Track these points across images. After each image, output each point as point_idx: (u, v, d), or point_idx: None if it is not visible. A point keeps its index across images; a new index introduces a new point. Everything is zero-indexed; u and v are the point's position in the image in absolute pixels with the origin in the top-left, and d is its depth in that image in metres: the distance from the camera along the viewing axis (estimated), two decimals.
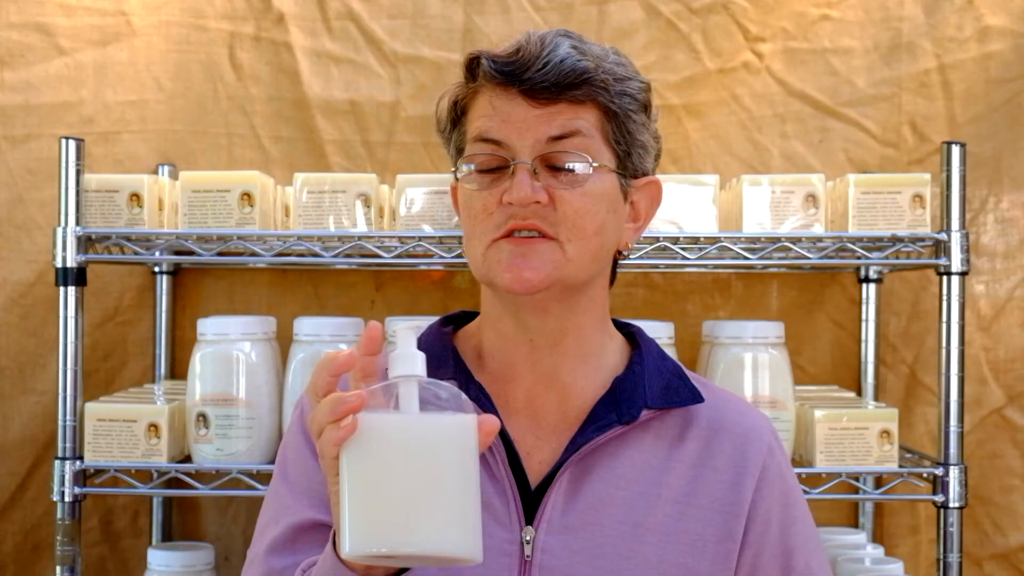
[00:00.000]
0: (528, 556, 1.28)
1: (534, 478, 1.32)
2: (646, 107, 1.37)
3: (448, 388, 1.07)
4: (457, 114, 1.36)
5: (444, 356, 1.36)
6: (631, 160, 1.34)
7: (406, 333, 1.09)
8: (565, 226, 1.28)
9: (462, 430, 1.06)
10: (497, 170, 1.30)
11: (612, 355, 1.39)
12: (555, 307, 1.32)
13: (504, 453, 1.31)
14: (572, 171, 1.29)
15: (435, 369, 1.20)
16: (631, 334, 1.43)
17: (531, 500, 1.31)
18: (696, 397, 1.36)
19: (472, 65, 1.33)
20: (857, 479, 2.05)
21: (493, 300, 1.36)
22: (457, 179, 1.36)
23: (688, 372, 1.41)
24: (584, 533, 1.29)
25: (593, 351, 1.37)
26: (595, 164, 1.30)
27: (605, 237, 1.32)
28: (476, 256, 1.31)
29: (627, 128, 1.33)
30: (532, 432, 1.34)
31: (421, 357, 1.08)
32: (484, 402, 1.32)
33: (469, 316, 1.44)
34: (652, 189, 1.39)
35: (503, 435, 1.31)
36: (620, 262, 1.42)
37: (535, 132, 1.29)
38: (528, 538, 1.29)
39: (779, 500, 1.35)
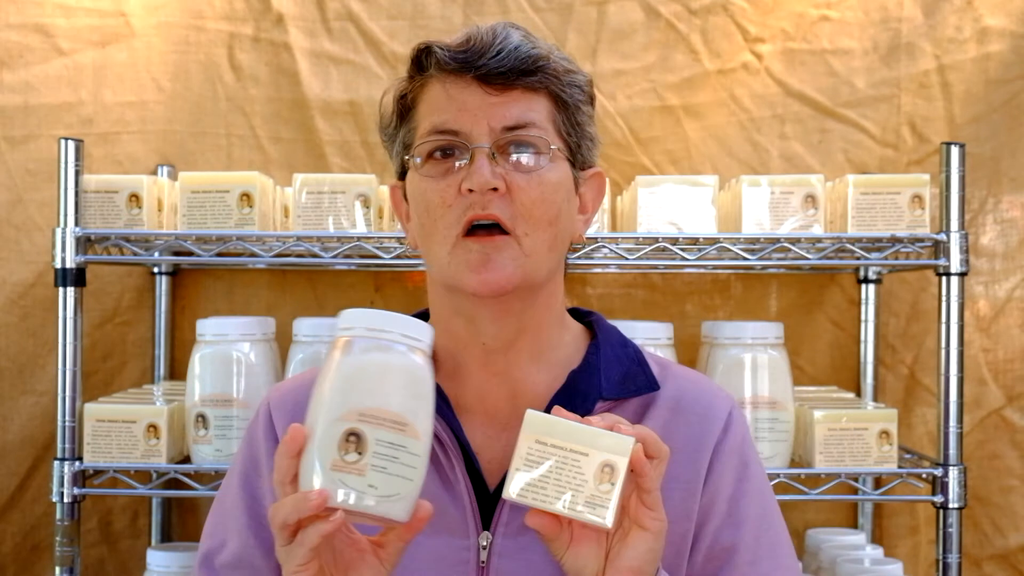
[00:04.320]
0: (483, 562, 1.27)
1: (491, 480, 1.30)
2: (592, 100, 1.37)
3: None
4: (405, 108, 1.34)
5: None
6: (581, 152, 1.35)
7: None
8: (522, 217, 1.27)
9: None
10: (452, 159, 1.29)
11: (567, 347, 1.38)
12: (516, 306, 1.31)
13: (461, 456, 1.29)
14: (529, 159, 1.29)
15: None
16: (591, 323, 1.42)
17: (489, 504, 1.29)
18: (652, 385, 1.35)
19: (421, 56, 1.32)
20: (856, 480, 2.05)
21: (444, 301, 1.34)
22: (403, 176, 1.35)
23: (649, 356, 1.40)
24: None
25: (548, 346, 1.36)
26: (553, 146, 1.30)
27: (561, 227, 1.31)
28: (440, 257, 1.29)
29: (577, 119, 1.34)
30: (482, 430, 1.33)
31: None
32: (441, 404, 1.29)
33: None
34: (598, 181, 1.40)
35: (458, 438, 1.30)
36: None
37: (491, 120, 1.28)
38: (484, 543, 1.27)
39: (732, 474, 1.33)
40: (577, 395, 1.32)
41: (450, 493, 1.28)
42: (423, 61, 1.32)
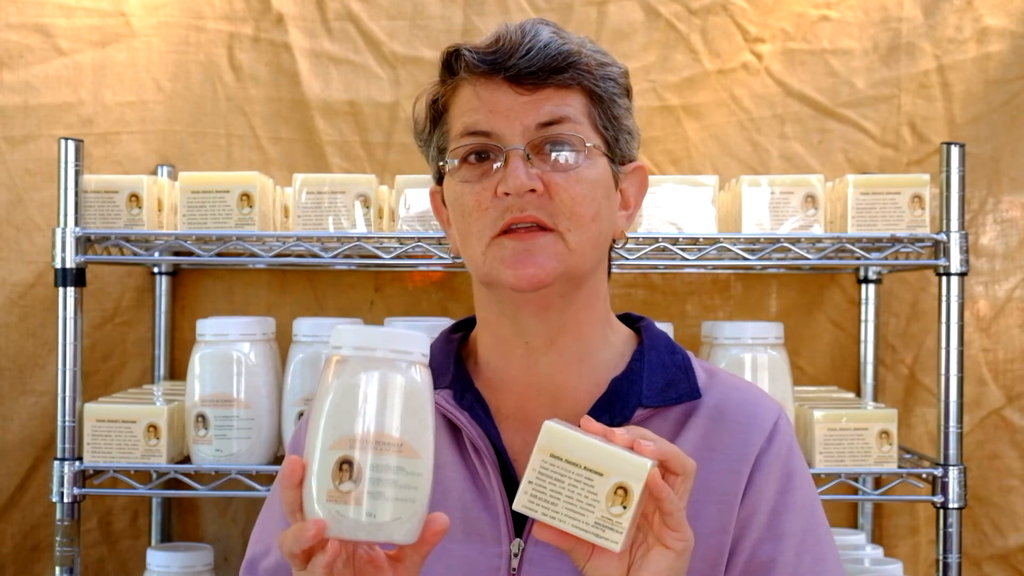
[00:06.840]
0: (514, 569, 1.25)
1: None
2: (628, 92, 1.35)
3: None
4: (438, 112, 1.33)
5: (446, 364, 1.34)
6: (619, 146, 1.33)
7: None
8: (563, 215, 1.25)
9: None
10: (487, 162, 1.27)
11: (612, 349, 1.36)
12: (557, 302, 1.29)
13: (496, 464, 1.28)
14: (566, 156, 1.27)
15: (436, 377, 1.19)
16: (639, 329, 1.40)
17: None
18: (693, 393, 1.32)
19: (451, 59, 1.31)
20: (856, 480, 2.05)
21: (488, 303, 1.33)
22: (441, 181, 1.34)
23: (697, 363, 1.37)
24: None
25: (590, 348, 1.34)
26: (589, 144, 1.28)
27: (603, 224, 1.29)
28: (475, 256, 1.28)
29: (613, 113, 1.31)
30: (521, 436, 1.31)
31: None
32: (479, 411, 1.30)
33: None
34: (640, 174, 1.37)
35: (495, 445, 1.29)
36: (618, 260, 1.41)
37: (524, 119, 1.26)
38: (516, 551, 1.26)
39: (775, 485, 1.29)
40: (617, 402, 1.30)
41: (484, 500, 1.27)
42: (453, 65, 1.30)
